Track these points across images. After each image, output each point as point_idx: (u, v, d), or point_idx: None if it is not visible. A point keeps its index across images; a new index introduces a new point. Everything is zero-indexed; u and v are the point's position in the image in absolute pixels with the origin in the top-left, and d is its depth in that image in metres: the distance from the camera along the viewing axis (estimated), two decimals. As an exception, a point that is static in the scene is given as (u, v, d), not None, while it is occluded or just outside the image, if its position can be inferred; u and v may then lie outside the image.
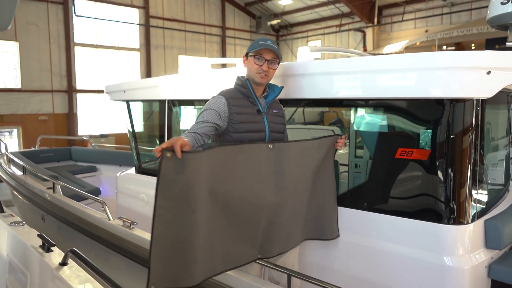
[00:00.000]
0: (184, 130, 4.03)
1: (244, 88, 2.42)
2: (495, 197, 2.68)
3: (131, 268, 3.01)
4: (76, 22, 14.50)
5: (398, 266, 2.34)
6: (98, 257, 3.28)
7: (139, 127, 4.27)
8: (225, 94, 2.40)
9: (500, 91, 2.39)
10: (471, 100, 2.14)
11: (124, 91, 4.05)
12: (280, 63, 2.50)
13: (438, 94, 2.13)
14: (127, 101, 4.14)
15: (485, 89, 2.09)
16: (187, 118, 3.81)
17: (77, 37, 14.60)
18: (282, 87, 2.51)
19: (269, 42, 2.39)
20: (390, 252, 2.36)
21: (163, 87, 3.67)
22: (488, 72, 2.03)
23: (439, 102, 2.18)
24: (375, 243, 2.44)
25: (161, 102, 3.72)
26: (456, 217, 2.21)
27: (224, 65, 13.25)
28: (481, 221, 2.31)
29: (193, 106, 3.72)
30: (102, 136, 14.24)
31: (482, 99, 2.18)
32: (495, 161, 2.84)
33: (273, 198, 2.22)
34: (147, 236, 2.91)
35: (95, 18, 14.77)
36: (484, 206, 2.44)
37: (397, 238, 2.36)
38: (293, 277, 2.16)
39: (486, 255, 2.28)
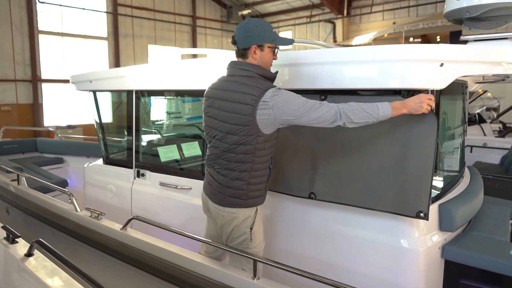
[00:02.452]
0: (154, 121, 4.03)
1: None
2: (449, 183, 2.83)
3: (100, 259, 3.01)
4: (40, 8, 13.98)
5: (358, 249, 2.46)
6: (67, 249, 3.26)
7: (107, 118, 4.22)
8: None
9: (456, 83, 2.52)
10: (426, 91, 2.25)
11: (91, 81, 3.99)
12: None
13: (396, 85, 2.23)
14: (94, 92, 4.08)
15: (439, 81, 2.20)
16: (155, 108, 3.81)
17: (41, 25, 14.09)
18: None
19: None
20: (350, 236, 2.47)
21: (130, 77, 3.64)
22: (441, 65, 2.14)
23: (397, 93, 2.29)
24: (337, 227, 2.55)
25: (129, 92, 3.69)
26: (413, 202, 2.33)
27: (195, 56, 13.16)
28: (436, 205, 2.45)
29: (162, 97, 3.71)
30: (69, 127, 13.89)
31: (436, 90, 2.30)
32: (451, 149, 2.99)
33: None
34: (116, 226, 2.92)
35: (60, 5, 14.29)
36: (439, 192, 2.58)
37: (358, 223, 2.48)
38: (259, 262, 2.25)
39: (440, 237, 2.43)
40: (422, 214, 2.22)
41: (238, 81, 2.33)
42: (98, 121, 4.18)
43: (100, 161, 4.22)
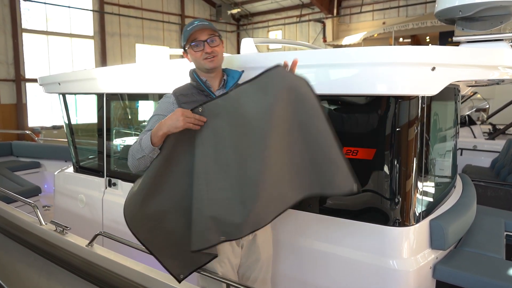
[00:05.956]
0: (127, 127, 3.78)
1: (194, 81, 2.18)
2: (441, 195, 2.64)
3: (64, 277, 2.77)
4: (23, 6, 13.64)
5: (344, 270, 2.25)
6: (30, 266, 3.02)
7: (77, 122, 3.97)
8: (177, 91, 2.17)
9: (447, 87, 2.33)
10: (417, 97, 2.05)
11: (59, 84, 3.74)
12: (225, 54, 2.33)
13: (383, 91, 2.03)
14: (63, 94, 3.83)
15: (430, 86, 2.01)
16: (128, 113, 3.56)
17: (25, 23, 13.74)
18: (243, 71, 2.23)
19: (196, 22, 2.14)
20: (335, 255, 2.27)
21: (101, 80, 3.39)
22: (433, 69, 1.94)
23: (385, 99, 2.09)
24: (320, 245, 2.34)
25: (99, 95, 3.45)
26: (401, 219, 2.13)
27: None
28: (426, 221, 2.25)
29: (134, 100, 3.47)
30: (54, 128, 13.54)
31: (427, 97, 2.10)
32: (442, 158, 2.80)
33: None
34: (82, 242, 2.69)
35: (45, 3, 13.94)
36: (429, 206, 2.38)
37: (343, 241, 2.27)
38: (232, 286, 2.03)
39: (431, 256, 2.23)
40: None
41: None
42: (68, 125, 3.93)
43: (71, 169, 3.97)
